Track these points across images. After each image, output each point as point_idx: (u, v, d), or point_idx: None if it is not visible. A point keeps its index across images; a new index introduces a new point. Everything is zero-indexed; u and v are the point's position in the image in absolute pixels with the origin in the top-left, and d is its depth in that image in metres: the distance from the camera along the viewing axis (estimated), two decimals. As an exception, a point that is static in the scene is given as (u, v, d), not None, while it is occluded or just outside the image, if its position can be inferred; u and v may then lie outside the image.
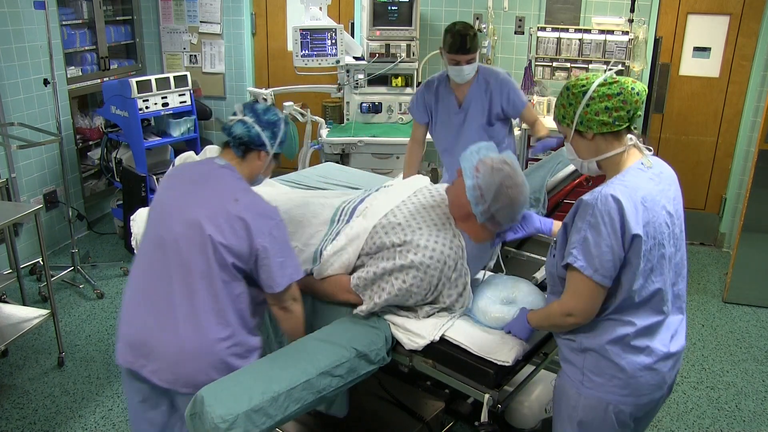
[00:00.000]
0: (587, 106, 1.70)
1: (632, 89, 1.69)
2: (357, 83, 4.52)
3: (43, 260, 3.28)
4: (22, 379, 3.24)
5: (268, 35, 5.60)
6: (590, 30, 4.49)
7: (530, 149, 3.93)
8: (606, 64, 4.46)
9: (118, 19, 5.23)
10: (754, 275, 4.06)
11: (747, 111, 4.68)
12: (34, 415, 2.98)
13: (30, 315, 3.21)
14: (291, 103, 4.34)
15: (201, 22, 5.43)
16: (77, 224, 4.71)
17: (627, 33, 4.40)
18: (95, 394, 3.14)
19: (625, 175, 1.70)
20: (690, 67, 4.77)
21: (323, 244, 2.23)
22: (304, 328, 2.09)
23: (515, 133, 3.63)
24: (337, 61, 4.31)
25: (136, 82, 4.28)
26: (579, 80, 1.75)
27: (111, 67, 5.08)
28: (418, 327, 2.03)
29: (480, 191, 1.98)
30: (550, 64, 4.59)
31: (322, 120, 4.62)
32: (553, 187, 2.65)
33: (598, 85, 1.70)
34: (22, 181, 4.30)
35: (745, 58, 4.63)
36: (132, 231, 2.51)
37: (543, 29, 4.58)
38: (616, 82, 1.70)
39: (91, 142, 5.02)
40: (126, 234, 4.49)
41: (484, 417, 1.86)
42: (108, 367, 3.34)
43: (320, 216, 2.34)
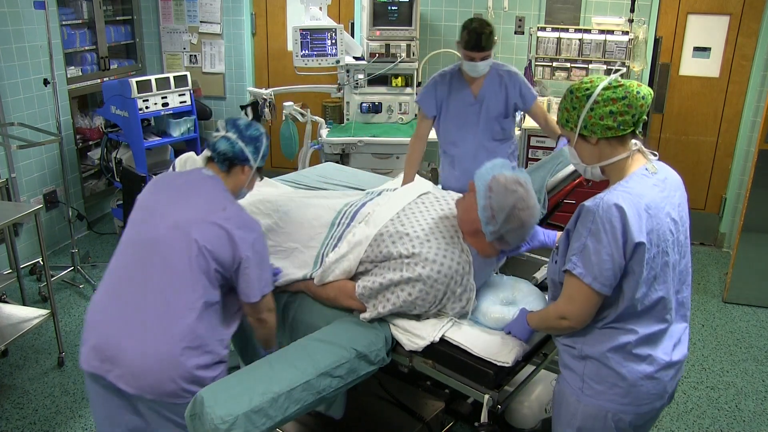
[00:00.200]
0: (591, 110, 1.66)
1: (638, 93, 1.64)
2: (357, 83, 4.52)
3: (43, 260, 3.28)
4: (22, 379, 3.25)
5: (268, 35, 5.60)
6: (590, 30, 4.49)
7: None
8: (606, 64, 4.46)
9: (118, 19, 5.23)
10: (754, 275, 4.06)
11: (747, 111, 4.68)
12: (34, 415, 2.98)
13: (30, 315, 3.21)
14: (291, 103, 4.34)
15: (201, 22, 5.43)
16: (77, 224, 4.72)
17: (627, 33, 4.40)
18: (95, 394, 3.15)
19: (629, 182, 1.66)
20: (690, 67, 4.77)
21: (325, 250, 2.23)
22: (275, 335, 2.14)
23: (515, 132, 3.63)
24: (337, 61, 4.31)
25: (136, 82, 4.28)
26: (583, 83, 1.70)
27: (111, 67, 5.08)
28: (418, 328, 2.03)
29: (492, 212, 1.96)
30: (550, 64, 4.59)
31: (322, 120, 4.62)
32: (553, 187, 2.65)
33: (603, 89, 1.66)
34: (22, 181, 4.30)
35: (745, 58, 4.63)
36: None
37: (543, 29, 4.58)
38: (621, 86, 1.66)
39: (91, 142, 5.02)
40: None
41: (484, 417, 1.86)
42: (108, 367, 3.34)
43: (321, 218, 2.34)
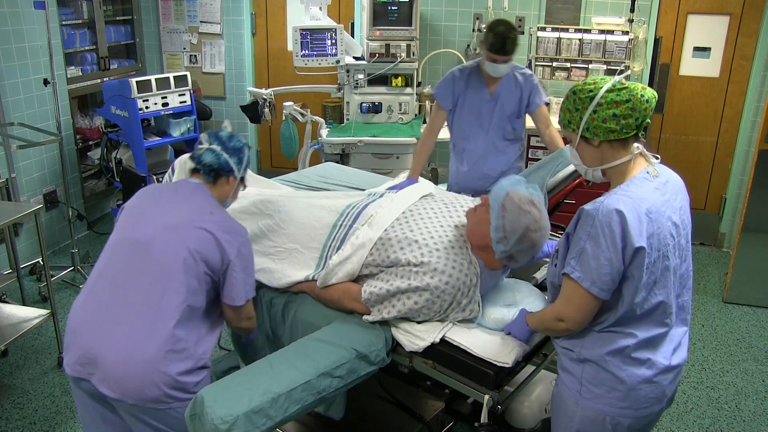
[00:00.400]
0: (594, 112, 1.64)
1: (642, 96, 1.62)
2: (357, 83, 4.52)
3: (43, 260, 3.28)
4: (22, 379, 3.25)
5: (268, 35, 5.60)
6: (590, 30, 4.49)
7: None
8: (606, 64, 4.46)
9: (118, 19, 5.23)
10: (754, 275, 4.06)
11: (747, 111, 4.68)
12: (34, 415, 2.98)
13: (30, 315, 3.21)
14: (291, 103, 4.33)
15: (201, 22, 5.43)
16: (77, 224, 4.72)
17: (627, 33, 4.41)
18: (95, 394, 3.15)
19: (630, 185, 1.64)
20: (690, 67, 4.77)
21: (328, 252, 2.23)
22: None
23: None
24: (337, 61, 4.30)
25: (136, 82, 4.28)
26: (586, 85, 1.68)
27: (111, 67, 5.08)
28: (419, 329, 2.03)
29: (504, 233, 1.95)
30: (550, 64, 4.59)
31: (322, 120, 4.62)
32: (553, 188, 2.65)
33: (606, 91, 1.63)
34: (22, 181, 4.30)
35: (745, 58, 4.63)
36: None
37: (543, 29, 4.58)
38: (625, 88, 1.63)
39: (91, 142, 5.02)
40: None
41: (484, 418, 1.86)
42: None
43: (323, 220, 2.34)
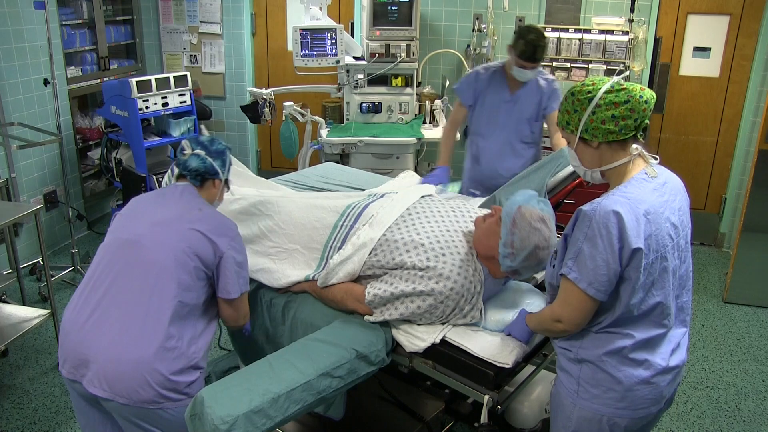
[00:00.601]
0: (593, 113, 1.64)
1: (640, 97, 1.62)
2: (357, 83, 4.52)
3: (43, 260, 3.28)
4: (22, 379, 3.25)
5: (268, 35, 5.60)
6: (590, 30, 4.49)
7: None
8: (606, 64, 4.46)
9: (118, 19, 5.23)
10: (754, 275, 4.06)
11: (747, 111, 4.68)
12: (34, 415, 2.98)
13: (30, 315, 3.21)
14: (291, 103, 4.33)
15: (201, 22, 5.43)
16: (77, 224, 4.72)
17: (627, 33, 4.40)
18: (95, 394, 3.15)
19: (628, 186, 1.64)
20: (690, 67, 4.77)
21: (329, 252, 2.23)
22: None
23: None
24: (337, 61, 4.30)
25: (136, 82, 4.28)
26: (585, 86, 1.67)
27: (111, 67, 5.07)
28: (419, 329, 2.03)
29: (512, 249, 1.96)
30: (550, 64, 4.58)
31: (322, 120, 4.62)
32: (553, 188, 2.64)
33: (605, 92, 1.63)
34: (22, 181, 4.30)
35: (745, 58, 4.63)
36: None
37: (543, 29, 4.56)
38: (623, 89, 1.63)
39: (91, 142, 5.02)
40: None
41: (484, 418, 1.86)
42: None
43: (323, 220, 2.35)
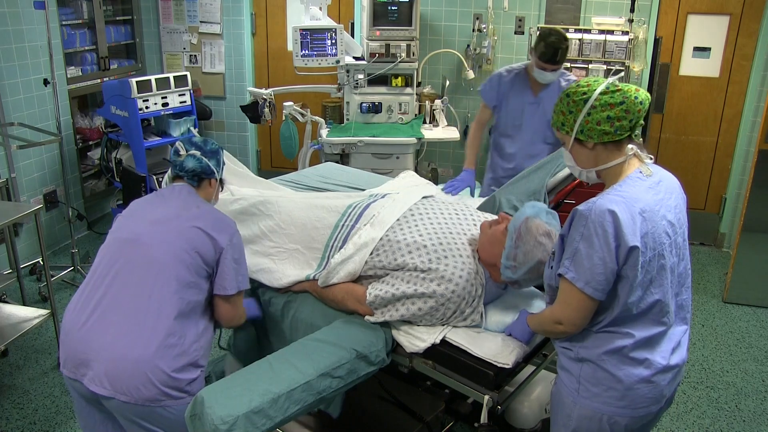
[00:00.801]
0: (588, 114, 1.64)
1: (635, 98, 1.62)
2: (357, 83, 4.52)
3: (43, 260, 3.28)
4: (22, 379, 3.25)
5: (268, 35, 5.59)
6: (590, 30, 4.49)
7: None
8: (606, 64, 4.46)
9: (118, 19, 5.23)
10: (754, 275, 4.06)
11: (747, 111, 4.68)
12: (34, 415, 2.98)
13: (30, 315, 3.21)
14: (291, 103, 4.33)
15: (201, 22, 5.43)
16: (77, 224, 4.71)
17: (627, 33, 4.40)
18: (95, 394, 3.15)
19: (623, 185, 1.65)
20: (690, 67, 4.77)
21: (330, 251, 2.23)
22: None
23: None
24: (337, 61, 4.30)
25: (136, 82, 4.28)
26: (580, 87, 1.68)
27: (111, 67, 5.08)
28: (419, 330, 2.03)
29: (515, 262, 1.98)
30: (550, 64, 4.58)
31: (322, 120, 4.62)
32: (553, 188, 2.64)
33: (600, 93, 1.63)
34: (22, 181, 4.30)
35: (745, 58, 4.63)
36: None
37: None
38: (618, 90, 1.63)
39: (91, 142, 5.02)
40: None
41: (484, 418, 1.86)
42: (108, 368, 3.34)
43: (324, 220, 2.35)
